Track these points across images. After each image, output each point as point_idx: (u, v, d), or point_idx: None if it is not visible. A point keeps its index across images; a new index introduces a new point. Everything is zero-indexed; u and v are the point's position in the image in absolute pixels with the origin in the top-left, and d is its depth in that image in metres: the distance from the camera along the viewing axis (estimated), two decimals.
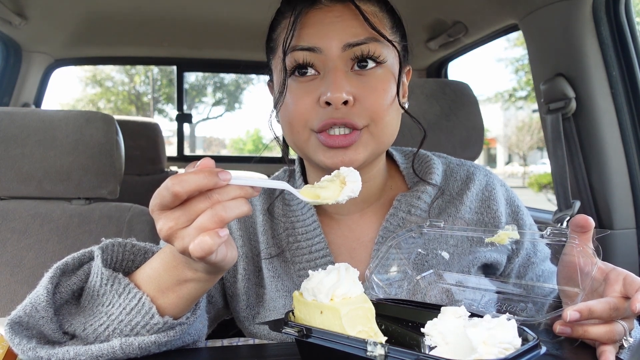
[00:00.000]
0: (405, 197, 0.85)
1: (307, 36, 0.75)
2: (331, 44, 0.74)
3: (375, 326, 0.58)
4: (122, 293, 0.63)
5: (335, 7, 0.75)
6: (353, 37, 0.74)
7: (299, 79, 0.76)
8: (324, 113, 0.73)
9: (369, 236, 0.85)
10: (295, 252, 0.84)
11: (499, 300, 0.80)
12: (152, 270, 0.65)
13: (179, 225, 0.53)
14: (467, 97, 1.52)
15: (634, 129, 1.38)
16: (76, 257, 0.67)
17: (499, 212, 0.86)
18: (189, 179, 0.51)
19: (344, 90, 0.71)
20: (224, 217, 0.53)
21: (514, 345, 0.48)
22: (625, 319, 0.62)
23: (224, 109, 19.20)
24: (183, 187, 0.51)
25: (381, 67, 0.76)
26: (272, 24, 0.83)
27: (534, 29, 1.51)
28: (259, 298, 0.86)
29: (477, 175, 0.89)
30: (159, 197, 0.53)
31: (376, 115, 0.75)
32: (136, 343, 0.61)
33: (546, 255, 0.90)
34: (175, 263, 0.62)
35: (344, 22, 0.74)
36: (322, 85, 0.74)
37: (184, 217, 0.53)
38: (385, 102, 0.76)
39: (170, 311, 0.64)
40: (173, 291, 0.63)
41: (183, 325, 0.64)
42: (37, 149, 1.21)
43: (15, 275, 1.18)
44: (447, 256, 0.81)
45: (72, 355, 0.60)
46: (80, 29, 2.15)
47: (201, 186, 0.52)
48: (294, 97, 0.76)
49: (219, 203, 0.53)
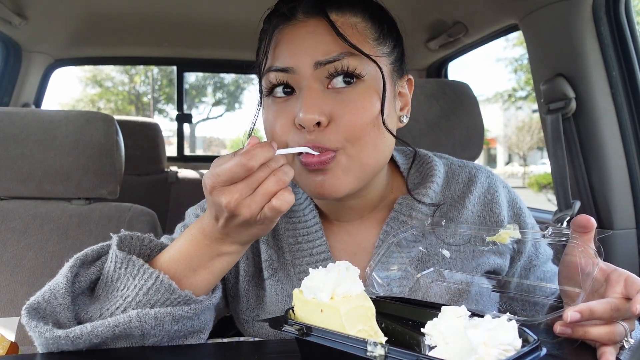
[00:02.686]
0: (406, 200, 0.83)
1: (281, 55, 0.72)
2: (303, 62, 0.70)
3: (375, 325, 0.58)
4: (137, 274, 0.65)
5: (310, 21, 0.71)
6: (324, 55, 0.69)
7: (276, 100, 0.74)
8: (300, 136, 0.70)
9: (370, 241, 0.84)
10: (296, 255, 0.83)
11: (500, 300, 0.80)
12: (179, 252, 0.68)
13: (243, 195, 0.60)
14: (467, 97, 1.52)
15: (634, 129, 1.38)
16: (95, 249, 0.71)
17: (501, 215, 0.85)
18: (257, 153, 0.59)
19: (316, 111, 0.68)
20: (285, 180, 0.61)
21: (515, 347, 0.48)
22: (626, 319, 0.62)
23: (224, 109, 19.22)
24: (257, 161, 0.59)
25: (362, 81, 0.71)
26: (258, 41, 0.80)
27: (534, 29, 1.51)
28: (259, 300, 0.86)
29: (479, 177, 0.88)
30: (229, 173, 0.59)
31: (351, 135, 0.70)
32: (152, 313, 0.63)
33: (548, 257, 0.89)
34: (207, 241, 0.66)
35: (316, 38, 0.70)
36: (296, 106, 0.71)
37: (247, 188, 0.60)
38: (363, 121, 0.70)
39: (202, 288, 0.68)
40: (205, 268, 0.68)
41: (198, 305, 0.67)
42: (37, 149, 1.21)
43: (15, 275, 1.18)
44: (448, 254, 0.80)
45: (89, 329, 0.61)
46: (80, 29, 2.15)
47: (267, 158, 0.60)
48: (270, 118, 0.75)
49: (278, 170, 0.61)
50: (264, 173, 0.60)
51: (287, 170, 0.62)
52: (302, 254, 0.83)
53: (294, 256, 0.83)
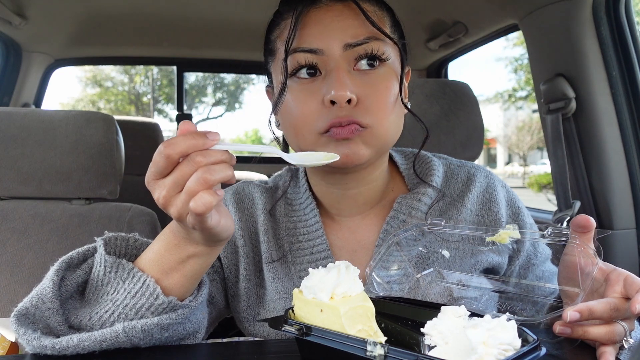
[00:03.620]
0: (406, 199, 0.84)
1: (308, 37, 0.74)
2: (332, 45, 0.73)
3: (375, 325, 0.58)
4: (127, 278, 0.64)
5: (335, 6, 0.75)
6: (353, 38, 0.73)
7: (301, 80, 0.76)
8: (329, 113, 0.73)
9: (370, 239, 0.85)
10: (297, 253, 0.84)
11: (500, 300, 0.80)
12: (154, 253, 0.66)
13: (171, 192, 0.55)
14: (467, 97, 1.52)
15: (634, 129, 1.38)
16: (81, 251, 0.69)
17: (499, 214, 0.86)
18: (178, 140, 0.53)
19: (348, 88, 0.71)
20: (209, 179, 0.53)
21: (514, 347, 0.48)
22: (625, 319, 0.62)
23: (224, 109, 19.21)
24: (174, 149, 0.53)
25: (384, 65, 0.76)
26: (269, 26, 0.83)
27: (534, 29, 1.51)
28: (260, 299, 0.86)
29: (478, 176, 0.89)
30: (154, 165, 0.55)
31: (380, 114, 0.74)
32: (139, 326, 0.61)
33: (547, 256, 0.89)
34: (176, 241, 0.64)
35: (344, 22, 0.74)
36: (324, 86, 0.73)
37: (174, 184, 0.54)
38: (389, 101, 0.75)
39: (176, 291, 0.65)
40: (177, 270, 0.65)
41: (185, 309, 0.65)
42: (37, 149, 1.21)
43: (15, 275, 1.18)
44: (448, 255, 0.81)
45: (75, 342, 0.60)
46: (80, 29, 2.15)
47: (190, 146, 0.53)
48: (297, 100, 0.75)
49: (203, 166, 0.53)
50: (188, 168, 0.53)
51: (217, 169, 0.54)
52: (303, 253, 0.83)
53: (295, 255, 0.84)
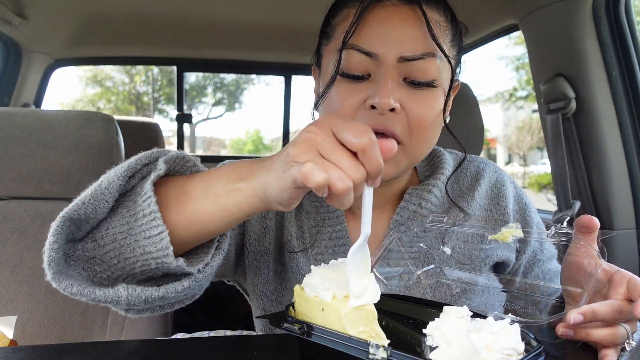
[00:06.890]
0: (417, 190, 0.85)
1: (367, 37, 0.73)
2: (388, 53, 0.71)
3: (377, 327, 0.58)
4: (152, 220, 0.57)
5: (402, 8, 0.73)
6: (410, 51, 0.71)
7: (349, 77, 0.75)
8: (368, 116, 0.72)
9: (380, 230, 0.85)
10: (316, 237, 0.84)
11: (502, 298, 0.80)
12: (205, 174, 0.62)
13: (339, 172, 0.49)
14: (467, 97, 1.52)
15: (634, 129, 1.38)
16: (140, 158, 0.65)
17: (508, 209, 0.87)
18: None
19: (392, 97, 0.70)
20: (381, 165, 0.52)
21: (517, 351, 0.48)
22: (628, 321, 0.62)
23: (224, 109, 19.21)
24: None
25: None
26: (331, 8, 0.81)
27: (534, 29, 1.51)
28: (277, 275, 0.87)
29: (487, 171, 0.90)
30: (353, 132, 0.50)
31: (418, 129, 0.73)
32: (143, 296, 0.56)
33: (552, 255, 0.90)
34: (239, 168, 0.58)
35: (405, 29, 0.72)
36: (370, 88, 0.72)
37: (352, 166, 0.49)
38: (430, 118, 0.74)
39: (198, 221, 0.59)
40: (216, 196, 0.58)
41: (191, 279, 0.59)
42: (37, 149, 1.21)
43: (15, 275, 1.18)
44: (449, 251, 0.81)
45: (75, 290, 0.55)
46: (80, 29, 2.15)
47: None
48: (339, 94, 0.75)
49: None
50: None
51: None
52: (322, 237, 0.84)
53: (313, 238, 0.85)
